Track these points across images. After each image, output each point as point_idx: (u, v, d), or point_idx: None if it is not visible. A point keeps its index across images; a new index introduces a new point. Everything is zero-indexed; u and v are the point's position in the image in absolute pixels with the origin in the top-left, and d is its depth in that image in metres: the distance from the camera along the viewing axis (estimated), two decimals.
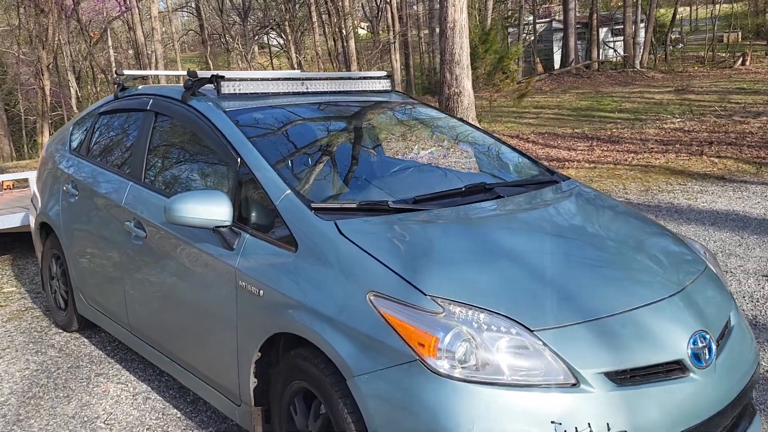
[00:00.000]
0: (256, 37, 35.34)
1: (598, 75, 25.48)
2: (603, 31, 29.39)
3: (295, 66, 31.17)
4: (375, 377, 2.04)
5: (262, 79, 3.26)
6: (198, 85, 3.18)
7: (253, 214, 2.63)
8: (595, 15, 27.64)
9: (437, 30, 35.29)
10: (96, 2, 26.57)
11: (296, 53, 29.46)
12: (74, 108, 28.91)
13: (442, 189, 2.83)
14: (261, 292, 2.45)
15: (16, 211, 6.21)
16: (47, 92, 23.16)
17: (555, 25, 29.90)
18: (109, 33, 29.09)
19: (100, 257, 3.59)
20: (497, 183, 2.93)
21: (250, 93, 3.20)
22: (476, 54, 11.76)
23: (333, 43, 30.38)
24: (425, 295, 2.07)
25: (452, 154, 3.48)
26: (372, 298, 2.12)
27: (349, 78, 3.59)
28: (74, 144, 4.19)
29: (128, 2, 27.03)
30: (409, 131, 3.55)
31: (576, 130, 13.04)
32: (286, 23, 28.00)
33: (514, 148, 3.49)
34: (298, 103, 3.27)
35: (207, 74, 3.17)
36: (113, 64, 29.06)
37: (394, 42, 25.08)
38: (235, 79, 3.16)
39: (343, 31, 25.17)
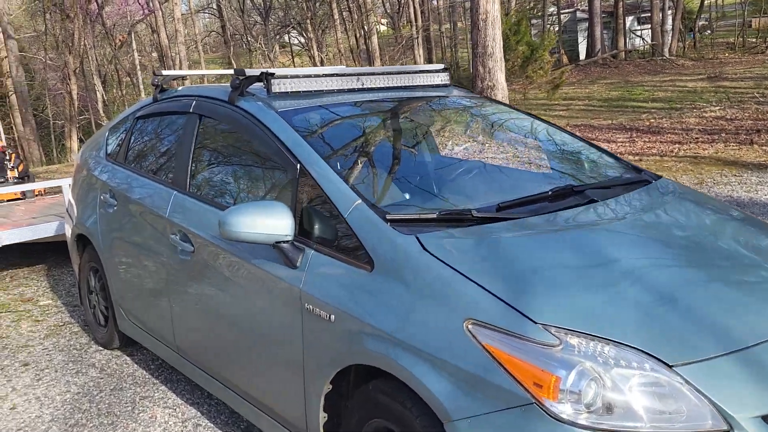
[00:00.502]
0: (278, 36, 35.16)
1: (625, 64, 24.82)
2: (629, 20, 28.66)
3: (317, 65, 30.92)
4: (480, 422, 1.72)
5: (315, 76, 2.95)
6: (246, 84, 2.87)
7: (318, 227, 2.31)
8: (621, 3, 26.92)
9: (459, 24, 34.76)
10: (120, 6, 26.55)
11: (318, 51, 29.19)
12: (101, 112, 28.99)
13: (523, 193, 2.50)
14: (332, 316, 2.14)
15: (50, 219, 5.99)
16: (74, 96, 23.18)
17: (579, 15, 29.23)
18: (133, 36, 29.08)
19: (142, 272, 3.31)
20: (586, 185, 2.58)
21: (303, 91, 2.89)
22: (508, 46, 11.35)
23: (355, 40, 30.05)
24: (535, 323, 1.74)
25: (523, 151, 3.14)
26: (470, 327, 1.80)
27: (406, 72, 3.26)
28: (110, 150, 3.92)
29: (151, 5, 26.98)
30: (474, 128, 3.21)
31: (612, 122, 12.57)
32: (308, 21, 27.72)
33: (591, 143, 3.14)
34: (354, 101, 2.95)
35: (255, 72, 2.86)
36: (138, 67, 29.06)
37: (417, 37, 24.67)
38: (286, 77, 2.85)
39: (365, 28, 24.82)
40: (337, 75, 3.02)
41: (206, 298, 2.79)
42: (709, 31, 31.84)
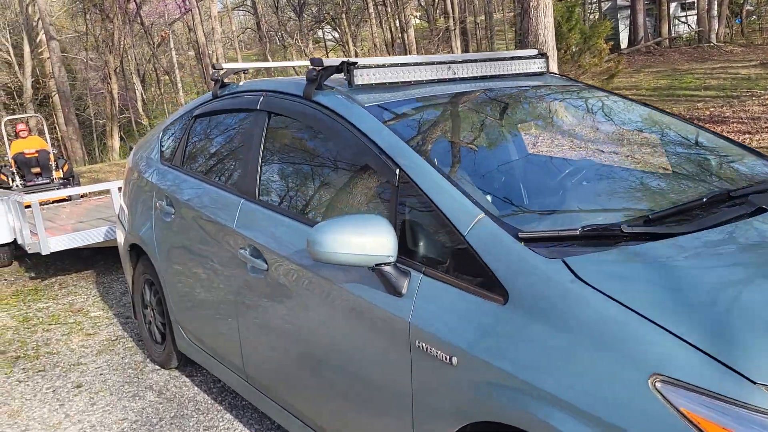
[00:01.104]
0: (311, 32, 34.89)
1: (670, 52, 23.84)
2: (672, 6, 27.57)
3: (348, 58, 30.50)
4: None
5: (402, 65, 2.52)
6: (325, 75, 2.46)
7: (426, 247, 1.90)
8: None
9: (495, 15, 33.98)
10: (157, 5, 26.52)
11: (353, 46, 28.79)
12: (140, 110, 29.13)
13: (663, 201, 2.04)
14: (453, 359, 1.72)
15: (99, 224, 5.71)
16: (115, 96, 23.24)
17: (620, 2, 28.23)
18: (170, 35, 29.07)
19: (205, 289, 2.94)
20: (745, 188, 2.10)
21: (389, 83, 2.47)
22: (559, 34, 10.77)
23: (390, 33, 29.57)
24: (754, 383, 1.29)
25: (646, 147, 2.67)
26: (659, 385, 1.36)
27: (500, 59, 2.82)
28: (166, 152, 3.56)
29: (188, 3, 26.89)
30: (583, 121, 2.75)
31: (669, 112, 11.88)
32: (343, 16, 27.33)
33: (721, 135, 2.65)
34: (449, 93, 2.52)
35: (335, 62, 2.45)
36: (176, 66, 29.06)
37: (454, 29, 24.08)
38: (369, 66, 2.44)
39: (401, 21, 24.31)
40: (426, 63, 2.59)
41: (284, 323, 2.39)
42: (754, 16, 30.49)
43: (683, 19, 27.43)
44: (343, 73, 2.44)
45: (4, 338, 4.34)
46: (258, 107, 2.78)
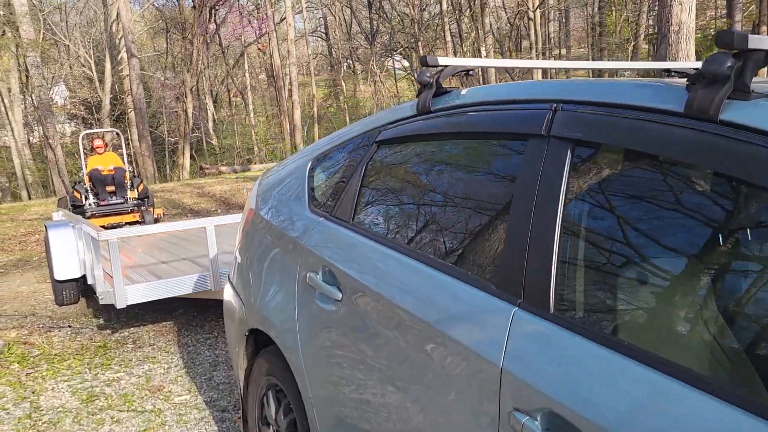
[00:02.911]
0: (382, 60, 34.11)
1: None
2: None
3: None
4: None
5: None
6: (750, 72, 1.12)
7: None
8: None
9: (572, 50, 32.41)
10: (235, 27, 26.13)
11: None
12: (210, 130, 28.69)
13: None
14: None
15: (185, 267, 4.50)
16: (190, 114, 22.70)
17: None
18: (245, 57, 28.68)
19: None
20: None
21: None
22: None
23: None
24: None
25: None
26: None
27: None
28: (320, 196, 2.28)
29: (265, 27, 26.42)
30: None
31: None
32: (419, 44, 26.32)
33: None
34: None
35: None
36: (248, 87, 28.59)
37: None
38: None
39: (482, 51, 23.09)
40: None
41: None
42: None
43: None
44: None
45: (61, 428, 3.12)
46: (544, 131, 1.44)
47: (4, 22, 22.25)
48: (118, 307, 3.90)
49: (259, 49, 24.31)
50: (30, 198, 21.77)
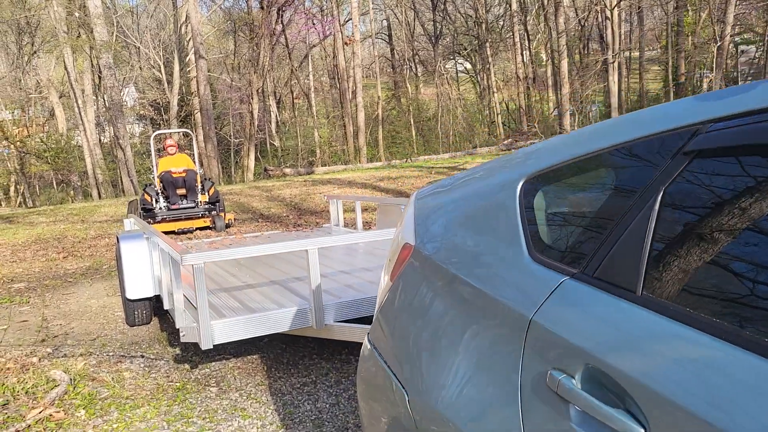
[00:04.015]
0: (443, 62, 33.13)
1: None
2: None
3: (488, 90, 28.34)
4: None
5: None
6: None
7: None
8: None
9: (646, 52, 30.64)
10: (301, 28, 25.66)
11: (495, 76, 26.61)
12: (273, 132, 28.34)
13: None
14: None
15: (275, 295, 3.68)
16: (255, 116, 22.32)
17: None
18: (309, 58, 28.22)
19: None
20: None
21: None
22: None
23: (530, 65, 27.14)
24: None
25: None
26: None
27: None
28: (552, 238, 1.40)
29: (327, 29, 25.89)
30: None
31: None
32: (487, 45, 25.23)
33: None
34: None
35: None
36: (311, 89, 28.11)
37: (613, 62, 21.27)
38: None
39: (556, 51, 21.84)
40: None
41: None
42: None
43: None
44: None
45: None
46: None
47: (80, 24, 22.41)
48: (203, 348, 3.14)
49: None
50: (100, 196, 21.82)
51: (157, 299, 4.64)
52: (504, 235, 1.51)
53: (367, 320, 3.52)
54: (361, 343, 1.92)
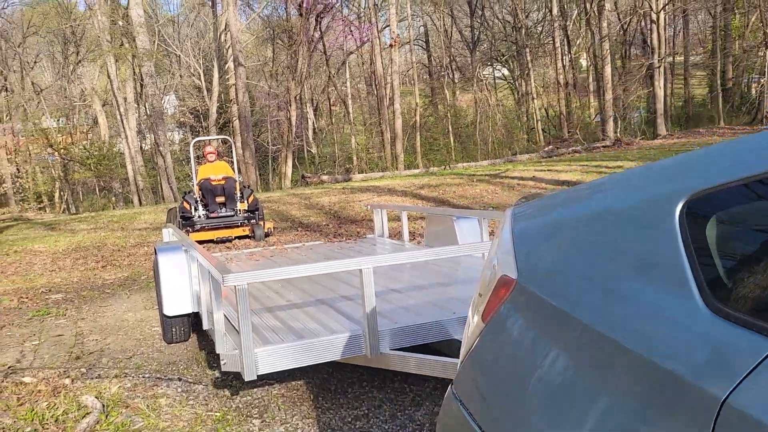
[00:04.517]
0: (481, 68, 32.60)
1: None
2: None
3: (527, 97, 27.70)
4: None
5: None
6: None
7: None
8: None
9: (691, 57, 29.62)
10: (338, 35, 25.49)
11: (534, 82, 25.98)
12: (310, 139, 28.22)
13: None
14: None
15: (324, 317, 3.31)
16: (293, 122, 22.17)
17: None
18: (347, 65, 28.04)
19: None
20: None
21: None
22: None
23: (568, 71, 26.41)
24: None
25: None
26: None
27: None
28: (742, 282, 1.01)
29: (364, 36, 25.64)
30: None
31: None
32: (527, 51, 24.64)
33: None
34: None
35: None
36: (349, 96, 27.90)
37: (659, 66, 20.47)
38: None
39: (597, 55, 21.16)
40: None
41: None
42: None
43: None
44: None
45: None
46: None
47: (123, 34, 22.66)
48: (246, 379, 2.79)
49: (391, 45, 23.37)
50: (141, 203, 21.94)
51: (196, 315, 4.35)
52: (660, 275, 1.11)
53: (425, 348, 3.13)
54: (420, 375, 1.52)
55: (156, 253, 4.45)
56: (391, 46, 22.87)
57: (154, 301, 5.82)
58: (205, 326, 3.71)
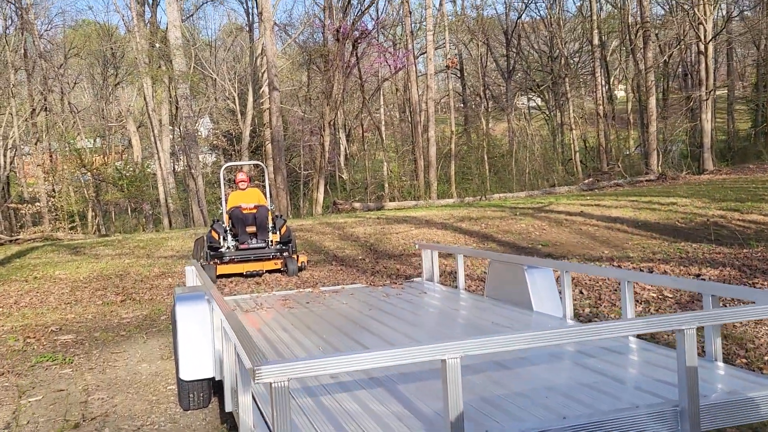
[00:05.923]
0: (515, 99, 31.84)
1: None
2: None
3: (564, 127, 26.80)
4: None
5: None
6: None
7: None
8: None
9: (734, 87, 28.39)
10: (375, 61, 25.00)
11: (573, 112, 25.06)
12: (342, 165, 27.64)
13: None
14: None
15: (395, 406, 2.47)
16: (326, 148, 21.59)
17: None
18: (381, 92, 27.51)
19: None
20: None
21: None
22: None
23: (605, 102, 25.44)
24: None
25: None
26: None
27: None
28: None
29: (399, 63, 25.11)
30: None
31: None
32: (566, 81, 23.79)
33: None
34: None
35: None
36: (382, 122, 27.31)
37: (707, 99, 19.42)
38: None
39: (642, 86, 20.21)
40: None
41: None
42: None
43: None
44: None
45: None
46: None
47: (160, 56, 22.47)
48: None
49: (447, 66, 22.76)
50: (171, 225, 21.46)
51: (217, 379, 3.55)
52: None
53: None
54: None
55: (175, 303, 3.69)
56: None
57: (172, 350, 5.06)
58: (228, 407, 2.90)
